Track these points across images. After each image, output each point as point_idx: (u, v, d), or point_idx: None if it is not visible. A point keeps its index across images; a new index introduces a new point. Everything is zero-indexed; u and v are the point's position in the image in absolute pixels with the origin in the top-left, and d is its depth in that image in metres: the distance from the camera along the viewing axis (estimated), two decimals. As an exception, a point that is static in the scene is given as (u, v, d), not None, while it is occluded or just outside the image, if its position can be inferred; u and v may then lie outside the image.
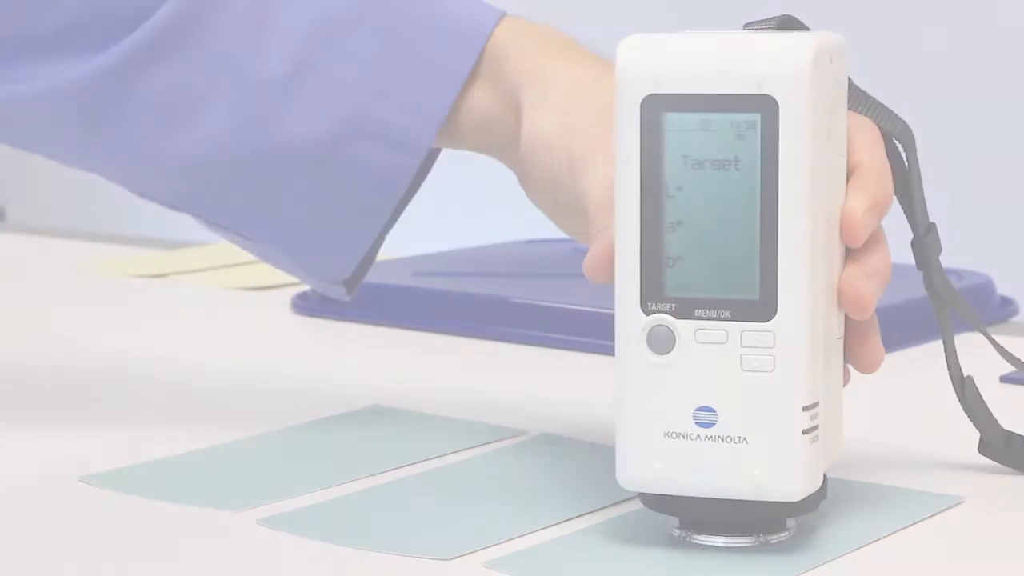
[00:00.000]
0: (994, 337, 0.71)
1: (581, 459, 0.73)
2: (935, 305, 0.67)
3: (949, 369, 0.68)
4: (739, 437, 0.58)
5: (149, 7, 0.72)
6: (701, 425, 0.58)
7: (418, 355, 0.96)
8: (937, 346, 0.69)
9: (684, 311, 0.58)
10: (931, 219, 0.67)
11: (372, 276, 1.09)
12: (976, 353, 0.72)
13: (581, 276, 0.65)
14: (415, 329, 0.99)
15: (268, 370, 0.91)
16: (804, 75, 0.57)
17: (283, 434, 0.77)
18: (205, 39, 0.72)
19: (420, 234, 1.21)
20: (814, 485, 0.59)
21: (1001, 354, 0.71)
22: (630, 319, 0.59)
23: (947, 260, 0.67)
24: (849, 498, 0.67)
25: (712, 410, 0.58)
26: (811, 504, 0.60)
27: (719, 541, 0.60)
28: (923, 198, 0.66)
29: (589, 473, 0.71)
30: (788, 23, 0.62)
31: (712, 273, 0.58)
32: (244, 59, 0.72)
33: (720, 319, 0.58)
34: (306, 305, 1.07)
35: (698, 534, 0.61)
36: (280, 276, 1.17)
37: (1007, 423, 0.70)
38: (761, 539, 0.60)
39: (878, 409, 0.84)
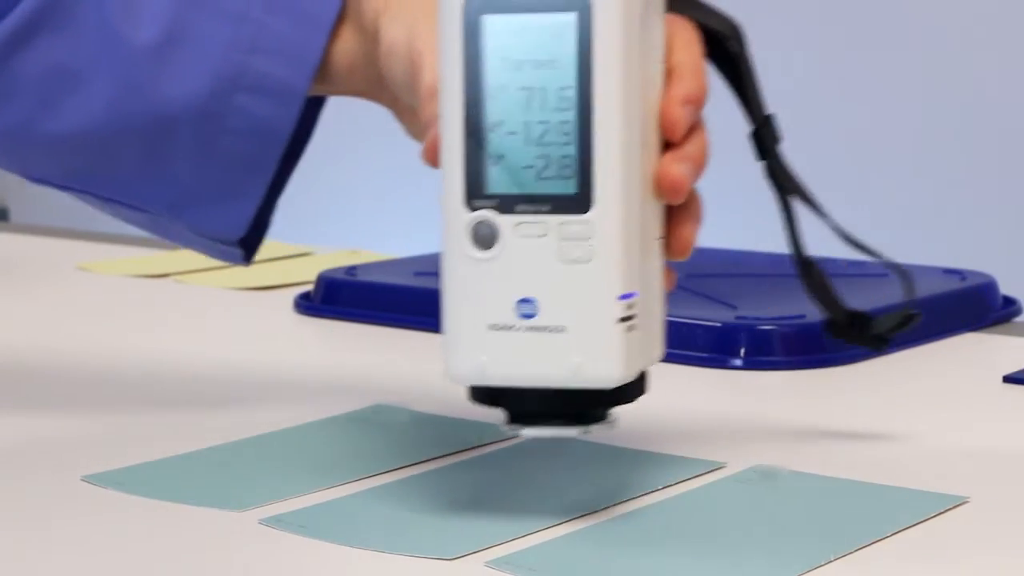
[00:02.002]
0: (864, 243, 0.72)
1: (581, 458, 0.73)
2: (777, 193, 0.70)
3: (794, 254, 0.70)
4: (559, 326, 0.60)
5: None
6: (523, 316, 0.60)
7: (420, 355, 0.95)
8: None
9: (506, 207, 0.60)
10: (769, 112, 0.69)
11: (374, 276, 1.09)
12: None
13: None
14: (417, 329, 0.99)
15: (270, 370, 0.91)
16: None
17: (285, 434, 0.77)
18: (78, 15, 0.74)
19: (422, 235, 1.21)
20: (631, 373, 0.61)
21: (849, 242, 0.72)
22: (455, 216, 0.61)
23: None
24: (853, 497, 0.67)
25: (533, 301, 0.60)
26: (630, 394, 0.62)
27: (545, 432, 0.62)
28: (757, 90, 0.69)
29: (592, 472, 0.71)
30: None
31: (532, 169, 0.60)
32: (118, 30, 0.73)
33: (540, 212, 0.60)
34: (308, 305, 1.06)
35: (525, 426, 0.62)
36: (282, 276, 1.17)
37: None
38: (585, 429, 0.62)
39: (881, 407, 0.84)
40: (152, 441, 0.75)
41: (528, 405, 0.62)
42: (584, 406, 0.62)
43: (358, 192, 2.70)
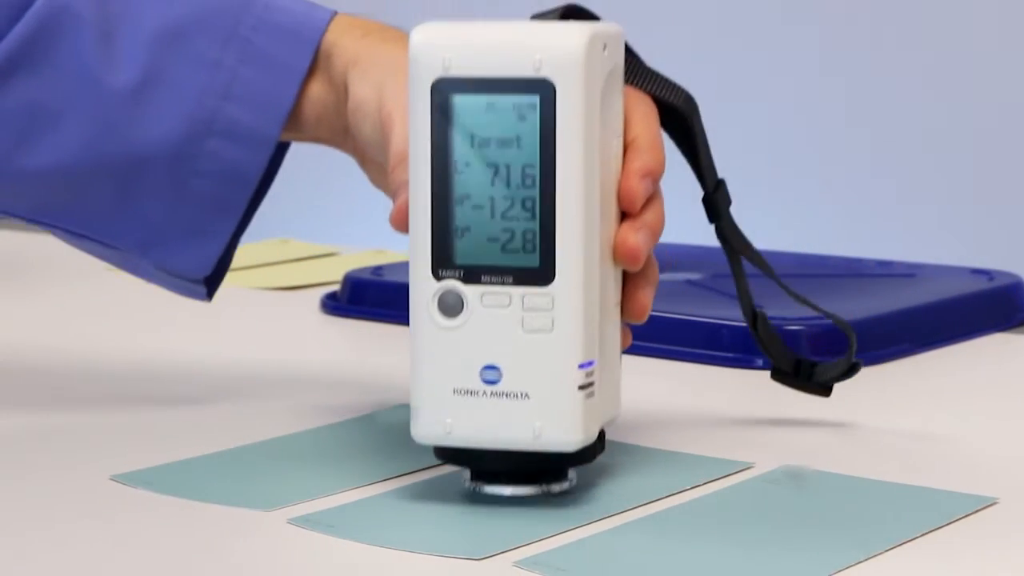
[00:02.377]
0: (808, 300, 0.76)
1: (612, 458, 0.73)
2: (727, 252, 0.74)
3: (742, 308, 0.75)
4: (522, 393, 0.63)
5: (0, 31, 0.76)
6: (487, 382, 0.63)
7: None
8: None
9: (472, 277, 0.63)
10: (720, 176, 0.73)
11: (400, 276, 1.09)
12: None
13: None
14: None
15: (297, 369, 0.91)
16: (578, 60, 0.62)
17: (312, 433, 0.77)
18: (56, 56, 0.76)
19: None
20: (591, 437, 0.64)
21: (795, 299, 0.76)
22: (422, 285, 0.63)
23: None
24: (881, 497, 0.67)
25: (497, 368, 0.63)
26: (589, 455, 0.65)
27: (506, 490, 0.65)
28: (710, 158, 0.72)
29: (620, 472, 0.71)
30: (572, 12, 0.68)
31: (497, 243, 0.63)
32: (95, 72, 0.75)
33: (504, 284, 0.63)
34: (335, 305, 1.07)
35: (487, 484, 0.65)
36: (308, 276, 1.18)
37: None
38: (545, 488, 0.65)
39: (909, 408, 0.83)
40: (180, 440, 0.76)
41: (490, 465, 0.65)
42: (544, 467, 0.65)
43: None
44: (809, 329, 0.91)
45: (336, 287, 1.09)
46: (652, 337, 0.91)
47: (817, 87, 2.32)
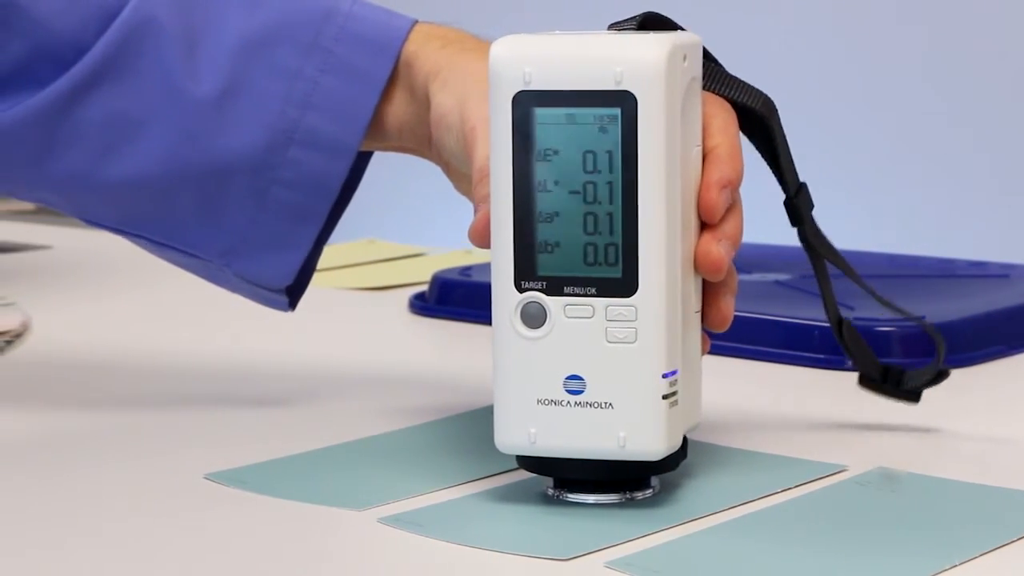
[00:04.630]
0: (897, 305, 0.76)
1: (703, 459, 0.72)
2: (810, 257, 0.74)
3: (827, 313, 0.75)
4: (606, 403, 0.63)
5: (87, 42, 0.77)
6: (571, 392, 0.64)
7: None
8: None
9: (554, 289, 0.64)
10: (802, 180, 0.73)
11: (488, 276, 1.09)
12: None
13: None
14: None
15: (386, 370, 0.92)
16: (659, 72, 0.62)
17: (403, 433, 0.77)
18: (141, 67, 0.77)
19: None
20: (675, 445, 0.65)
21: (881, 303, 0.75)
22: (505, 296, 0.64)
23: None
24: (975, 500, 0.66)
25: (581, 378, 0.63)
26: (672, 463, 0.66)
27: (589, 499, 0.66)
28: (791, 161, 0.72)
29: (713, 473, 0.70)
30: (651, 20, 0.68)
31: (579, 255, 0.63)
32: (179, 82, 0.76)
33: (587, 295, 0.63)
34: (423, 305, 1.07)
35: (570, 493, 0.66)
36: (396, 276, 1.18)
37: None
38: (628, 496, 0.66)
39: (1002, 410, 0.82)
40: (270, 439, 0.76)
41: (574, 473, 0.65)
42: (628, 475, 0.65)
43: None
44: (900, 331, 0.90)
45: (424, 287, 1.09)
46: (742, 338, 0.90)
47: (917, 87, 2.30)
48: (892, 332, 0.90)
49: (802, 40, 2.39)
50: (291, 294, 0.82)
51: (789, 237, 0.85)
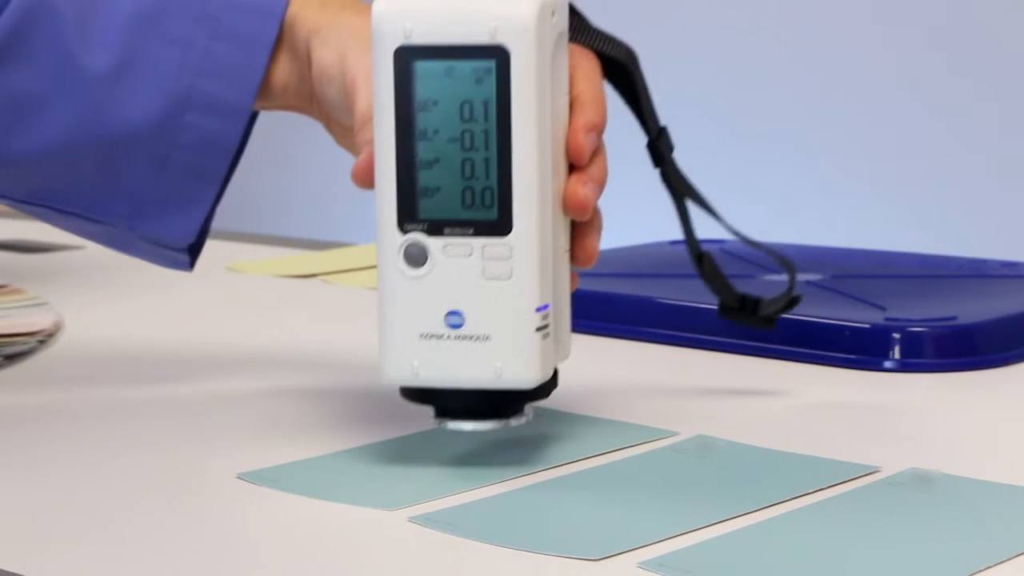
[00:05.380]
0: (754, 239, 0.80)
1: (736, 460, 0.72)
2: (672, 196, 0.78)
3: (689, 248, 0.79)
4: (483, 336, 0.68)
5: None
6: (451, 327, 0.68)
7: (578, 356, 0.95)
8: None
9: (435, 230, 0.68)
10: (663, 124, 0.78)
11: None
12: None
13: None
14: (577, 332, 0.99)
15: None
16: (530, 27, 0.67)
17: (435, 433, 0.77)
18: (38, 45, 0.80)
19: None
20: (547, 375, 0.69)
21: (742, 240, 0.79)
22: (389, 238, 0.68)
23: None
24: (1010, 502, 0.66)
25: (460, 313, 0.68)
26: (544, 392, 0.70)
27: (467, 426, 0.70)
28: (652, 107, 0.77)
29: (744, 474, 0.70)
30: None
31: (458, 198, 0.67)
32: (76, 57, 0.79)
33: (465, 235, 0.67)
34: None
35: (451, 421, 0.70)
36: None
37: None
38: (504, 423, 0.70)
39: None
40: (301, 439, 0.76)
41: (454, 403, 0.70)
42: (503, 403, 0.70)
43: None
44: (932, 332, 0.90)
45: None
46: (776, 339, 0.90)
47: (945, 88, 2.29)
48: (925, 333, 0.90)
49: (834, 38, 2.38)
50: (191, 253, 0.85)
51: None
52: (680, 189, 0.78)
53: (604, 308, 0.99)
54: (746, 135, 2.42)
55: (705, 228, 0.81)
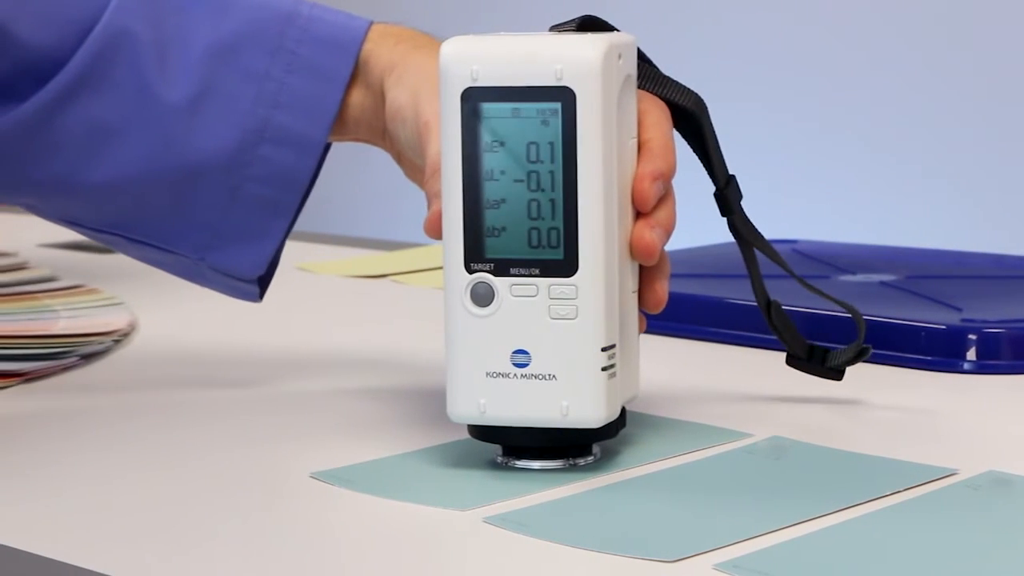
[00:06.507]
0: (821, 290, 0.79)
1: (810, 461, 0.72)
2: (740, 245, 0.78)
3: (756, 296, 0.78)
4: (549, 375, 0.68)
5: (65, 56, 0.81)
6: (517, 366, 0.69)
7: (653, 358, 0.95)
8: None
9: (501, 270, 0.68)
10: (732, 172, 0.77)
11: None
12: None
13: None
14: (655, 333, 0.98)
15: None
16: (595, 69, 0.67)
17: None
18: (116, 76, 0.81)
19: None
20: (613, 414, 0.70)
21: (809, 289, 0.79)
22: (456, 277, 0.69)
23: None
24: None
25: (526, 352, 0.69)
26: (612, 431, 0.71)
27: (535, 464, 0.70)
28: (721, 155, 0.76)
29: (821, 476, 0.70)
30: (588, 22, 0.73)
31: (524, 238, 0.68)
32: (153, 89, 0.81)
33: (531, 276, 0.68)
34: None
35: (517, 459, 0.71)
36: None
37: None
38: (571, 462, 0.70)
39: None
40: (373, 439, 0.76)
41: (521, 441, 0.70)
42: (570, 442, 0.70)
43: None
44: (1010, 333, 0.89)
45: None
46: (827, 335, 0.89)
47: (969, 88, 2.27)
48: (1002, 334, 0.89)
49: (908, 43, 2.37)
50: (261, 284, 0.86)
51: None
52: (748, 238, 0.77)
53: (674, 309, 0.98)
54: (822, 132, 2.40)
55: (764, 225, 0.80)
